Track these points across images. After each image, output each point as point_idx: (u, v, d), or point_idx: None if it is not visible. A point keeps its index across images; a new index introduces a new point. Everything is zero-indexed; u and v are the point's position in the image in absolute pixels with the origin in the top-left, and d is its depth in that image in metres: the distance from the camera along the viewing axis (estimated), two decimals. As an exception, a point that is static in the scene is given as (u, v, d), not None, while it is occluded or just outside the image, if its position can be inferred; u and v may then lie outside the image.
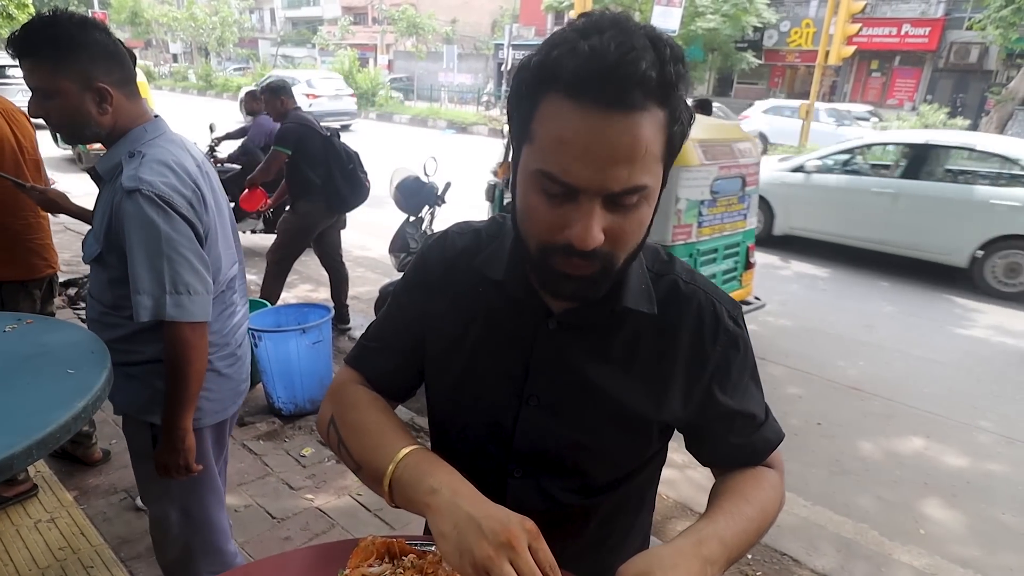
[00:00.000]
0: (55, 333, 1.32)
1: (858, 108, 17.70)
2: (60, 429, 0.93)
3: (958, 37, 19.08)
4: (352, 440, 0.77)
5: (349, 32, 34.33)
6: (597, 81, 0.56)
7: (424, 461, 0.70)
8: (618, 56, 0.56)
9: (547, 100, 0.60)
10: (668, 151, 0.63)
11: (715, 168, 3.56)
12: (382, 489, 0.71)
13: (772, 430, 0.82)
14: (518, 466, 0.80)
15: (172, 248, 1.22)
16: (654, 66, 0.57)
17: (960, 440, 3.27)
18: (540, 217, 0.64)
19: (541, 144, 0.61)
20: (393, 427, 0.77)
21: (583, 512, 0.83)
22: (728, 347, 0.77)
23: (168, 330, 1.26)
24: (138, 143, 1.28)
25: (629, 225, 0.64)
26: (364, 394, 0.84)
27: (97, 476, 2.46)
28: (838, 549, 2.42)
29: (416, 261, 0.86)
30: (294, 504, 2.38)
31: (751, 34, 20.36)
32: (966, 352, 4.39)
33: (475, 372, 0.79)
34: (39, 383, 1.09)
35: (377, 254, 5.76)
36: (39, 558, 2.00)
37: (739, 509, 0.73)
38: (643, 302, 0.74)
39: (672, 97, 0.59)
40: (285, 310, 3.25)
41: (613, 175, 0.59)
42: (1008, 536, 2.56)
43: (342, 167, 3.69)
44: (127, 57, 1.28)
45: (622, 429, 0.78)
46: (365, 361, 0.87)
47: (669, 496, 2.63)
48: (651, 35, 0.58)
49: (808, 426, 3.31)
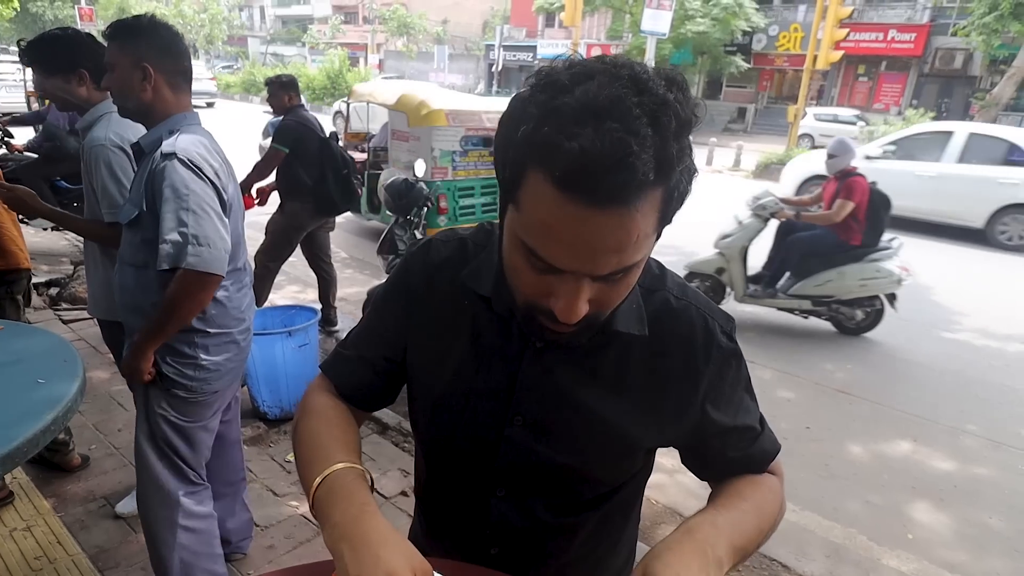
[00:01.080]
0: (27, 339, 1.29)
1: (845, 112, 17.89)
2: (27, 443, 0.89)
3: (943, 43, 19.34)
4: (298, 450, 0.76)
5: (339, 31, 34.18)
6: (589, 185, 0.52)
7: (342, 488, 0.66)
8: (614, 160, 0.50)
9: (534, 177, 0.55)
10: (665, 220, 0.59)
11: (462, 129, 5.02)
12: (308, 496, 0.69)
13: (769, 440, 0.81)
14: (501, 485, 0.78)
15: (198, 204, 1.37)
16: (652, 159, 0.51)
17: (947, 444, 3.29)
18: (524, 279, 0.62)
19: (526, 218, 0.57)
20: (333, 441, 0.74)
21: (568, 529, 0.81)
22: (722, 364, 0.75)
23: (181, 276, 1.37)
24: (180, 124, 1.49)
25: (616, 293, 0.62)
26: (324, 402, 0.81)
27: (75, 483, 2.40)
28: (827, 554, 2.42)
29: (399, 269, 0.82)
30: (278, 511, 2.34)
31: (740, 38, 20.54)
32: (953, 356, 4.42)
33: (458, 389, 0.76)
34: (7, 394, 1.04)
35: (365, 256, 5.72)
36: (14, 568, 1.95)
37: (732, 503, 0.73)
38: (634, 324, 0.72)
39: (672, 175, 0.55)
40: (271, 312, 3.20)
41: (602, 263, 0.57)
42: (995, 540, 2.57)
43: (336, 171, 3.66)
44: (184, 57, 1.51)
45: (609, 450, 0.75)
46: (337, 370, 0.85)
47: (659, 501, 2.62)
48: (653, 110, 0.52)
49: (797, 430, 3.31)
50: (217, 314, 1.56)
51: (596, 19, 24.93)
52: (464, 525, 0.82)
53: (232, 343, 1.62)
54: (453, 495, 0.84)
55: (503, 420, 0.74)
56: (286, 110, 3.73)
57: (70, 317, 3.85)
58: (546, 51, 27.99)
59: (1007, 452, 3.23)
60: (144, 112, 1.48)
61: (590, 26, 25.27)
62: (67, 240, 5.51)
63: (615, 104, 0.51)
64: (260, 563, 2.07)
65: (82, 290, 4.11)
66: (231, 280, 1.58)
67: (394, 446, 2.81)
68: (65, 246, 5.41)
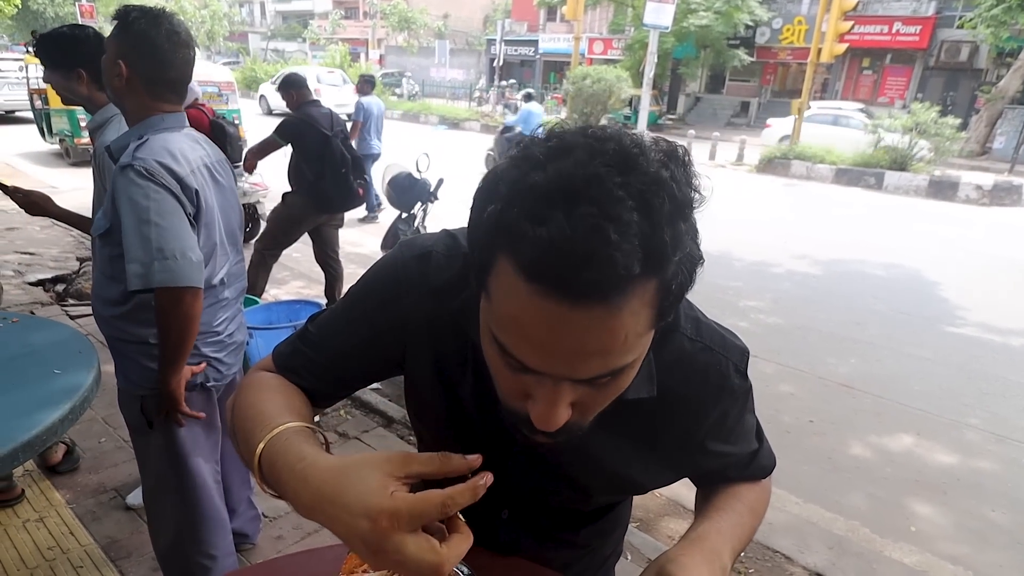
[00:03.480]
0: (42, 332, 1.30)
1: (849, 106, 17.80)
2: (46, 431, 0.91)
3: (949, 36, 19.19)
4: (236, 426, 0.66)
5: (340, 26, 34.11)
6: (558, 279, 0.44)
7: (279, 453, 0.57)
8: (588, 252, 0.42)
9: (502, 265, 0.47)
10: (661, 316, 0.50)
11: (195, 83, 6.05)
12: (253, 469, 0.59)
13: (766, 456, 0.82)
14: (505, 508, 0.80)
15: (159, 215, 1.27)
16: (638, 248, 0.43)
17: (950, 437, 3.30)
18: (499, 377, 0.56)
19: (496, 310, 0.50)
20: (274, 407, 0.64)
21: (569, 540, 0.84)
22: (730, 404, 0.72)
23: (157, 296, 1.29)
24: (151, 129, 1.38)
25: (604, 396, 0.55)
26: (266, 376, 0.73)
27: (86, 475, 2.42)
28: (830, 546, 2.43)
29: (386, 276, 0.71)
30: (285, 503, 2.36)
31: (743, 31, 20.40)
32: (955, 349, 4.43)
33: (463, 420, 0.73)
34: (25, 384, 1.07)
35: (369, 251, 5.74)
36: (28, 558, 1.98)
37: (731, 505, 0.75)
38: (643, 388, 0.64)
39: (666, 266, 0.46)
40: (276, 307, 3.23)
41: (583, 367, 0.49)
42: (997, 533, 2.58)
43: (335, 169, 3.67)
44: (172, 67, 1.38)
45: (613, 487, 0.77)
46: (291, 367, 0.74)
47: (661, 494, 2.64)
48: (642, 191, 0.44)
49: (800, 424, 3.33)
50: None
51: (598, 13, 24.83)
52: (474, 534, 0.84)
53: (197, 357, 1.50)
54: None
55: (507, 454, 0.71)
56: (296, 107, 3.75)
57: (77, 313, 3.88)
58: (548, 45, 27.92)
59: (1010, 446, 3.24)
60: (119, 105, 1.43)
61: (592, 20, 25.17)
62: (72, 237, 5.55)
63: (592, 184, 0.44)
64: (270, 553, 2.09)
65: (88, 286, 4.14)
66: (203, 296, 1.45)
67: (400, 439, 2.84)
68: (70, 242, 5.44)
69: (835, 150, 12.08)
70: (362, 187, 3.81)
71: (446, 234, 0.72)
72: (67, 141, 9.20)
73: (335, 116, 3.81)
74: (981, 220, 9.04)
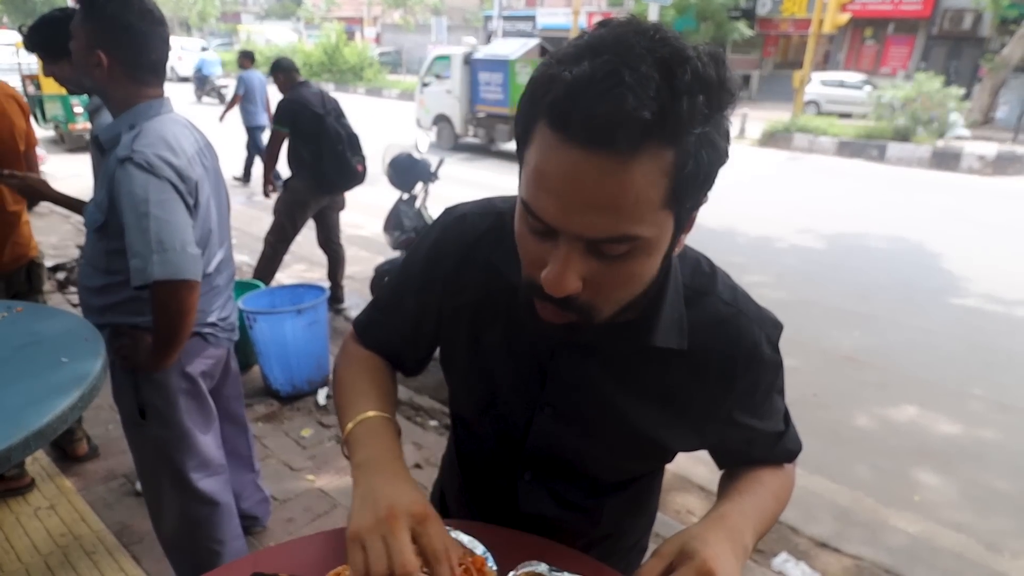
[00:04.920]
0: (46, 320, 1.30)
1: (852, 77, 17.58)
2: (57, 419, 0.91)
3: (952, 4, 18.85)
4: (337, 395, 0.80)
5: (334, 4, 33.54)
6: (575, 117, 0.48)
7: (370, 432, 0.71)
8: (601, 90, 0.46)
9: (537, 126, 0.52)
10: (677, 196, 0.52)
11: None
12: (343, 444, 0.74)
13: (792, 440, 0.81)
14: (528, 469, 0.79)
15: (160, 209, 1.25)
16: (653, 101, 0.46)
17: (953, 408, 3.31)
18: (525, 248, 0.59)
19: (527, 171, 0.54)
20: (368, 389, 0.78)
21: (593, 510, 0.83)
22: (759, 375, 0.72)
23: (155, 289, 1.26)
24: (141, 118, 1.33)
25: (615, 276, 0.56)
26: (360, 354, 0.85)
27: (96, 462, 2.45)
28: (835, 517, 2.46)
29: (432, 242, 0.78)
30: (295, 485, 2.39)
31: (744, 3, 20.06)
32: (959, 320, 4.43)
33: (490, 375, 0.76)
34: (33, 373, 1.06)
35: (371, 232, 5.71)
36: (40, 545, 2.00)
37: (754, 489, 0.75)
38: (673, 338, 0.67)
39: (683, 136, 0.48)
40: (280, 291, 3.22)
41: (591, 221, 0.51)
42: (1000, 501, 2.60)
43: (331, 147, 3.63)
44: (151, 49, 1.32)
45: (635, 448, 0.75)
46: (368, 333, 0.86)
47: (668, 469, 2.65)
48: (666, 58, 0.47)
49: (804, 397, 3.34)
50: None
51: (596, -14, 24.38)
52: (493, 503, 0.84)
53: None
54: (481, 474, 0.85)
55: (533, 407, 0.74)
56: (287, 90, 3.73)
57: (78, 300, 3.87)
58: (546, 20, 27.46)
59: (1013, 414, 3.26)
60: (103, 96, 1.37)
61: (590, -6, 24.73)
62: (71, 224, 5.52)
63: (620, 42, 0.48)
64: (281, 535, 2.12)
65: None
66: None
67: (407, 420, 2.85)
68: (69, 231, 5.42)
69: (837, 122, 11.95)
70: (360, 163, 3.78)
71: (481, 200, 0.80)
72: (61, 127, 9.12)
73: (326, 95, 3.77)
74: (984, 190, 8.97)
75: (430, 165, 3.57)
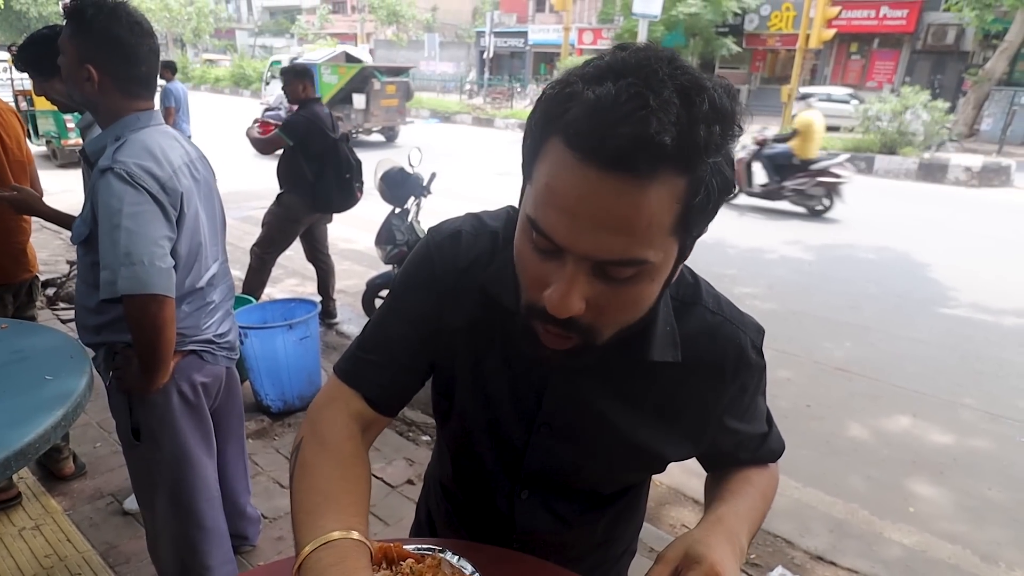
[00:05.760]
0: (32, 337, 1.28)
1: (838, 91, 17.82)
2: (39, 439, 0.89)
3: (935, 19, 19.22)
4: (296, 488, 0.67)
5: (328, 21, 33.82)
6: (596, 137, 0.48)
7: (334, 565, 0.57)
8: (625, 112, 0.47)
9: (550, 142, 0.52)
10: (685, 223, 0.52)
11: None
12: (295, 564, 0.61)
13: (775, 440, 0.84)
14: (525, 488, 0.79)
15: (132, 220, 1.21)
16: (673, 127, 0.47)
17: (945, 418, 3.32)
18: (526, 267, 0.58)
19: (536, 188, 0.54)
20: (337, 491, 0.65)
21: (588, 524, 0.83)
22: (746, 380, 0.74)
23: (124, 303, 1.23)
24: (127, 129, 1.32)
25: (618, 300, 0.55)
26: (338, 432, 0.71)
27: (82, 480, 2.40)
28: (830, 529, 2.45)
29: (422, 261, 0.74)
30: (286, 503, 2.35)
31: (732, 19, 20.37)
32: (948, 330, 4.45)
33: (487, 395, 0.75)
34: (16, 390, 1.05)
35: (363, 246, 5.70)
36: (24, 566, 1.96)
37: (744, 490, 0.77)
38: (668, 351, 0.68)
39: (697, 164, 0.49)
40: (271, 306, 3.20)
41: (603, 242, 0.51)
42: (994, 511, 2.60)
43: (339, 172, 3.67)
44: (141, 61, 1.31)
45: (633, 460, 0.76)
46: (360, 377, 0.75)
47: (662, 483, 2.64)
48: (686, 86, 0.48)
49: (797, 408, 3.34)
50: None
51: (587, 2, 24.74)
52: (488, 521, 0.84)
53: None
54: (477, 494, 0.84)
55: (531, 426, 0.74)
56: (301, 101, 3.69)
57: (67, 317, 3.84)
58: (537, 36, 27.77)
59: (1005, 424, 3.27)
60: (92, 109, 1.36)
61: (581, 10, 25.06)
62: (61, 240, 5.49)
63: (642, 66, 0.49)
64: (270, 554, 2.08)
65: (79, 289, 4.10)
66: (188, 302, 1.42)
67: (399, 435, 2.83)
68: (60, 246, 5.38)
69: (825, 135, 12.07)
70: (360, 189, 3.82)
71: (471, 215, 0.76)
72: (54, 143, 9.09)
73: (333, 116, 3.79)
74: (971, 201, 9.09)
75: (422, 179, 3.58)
